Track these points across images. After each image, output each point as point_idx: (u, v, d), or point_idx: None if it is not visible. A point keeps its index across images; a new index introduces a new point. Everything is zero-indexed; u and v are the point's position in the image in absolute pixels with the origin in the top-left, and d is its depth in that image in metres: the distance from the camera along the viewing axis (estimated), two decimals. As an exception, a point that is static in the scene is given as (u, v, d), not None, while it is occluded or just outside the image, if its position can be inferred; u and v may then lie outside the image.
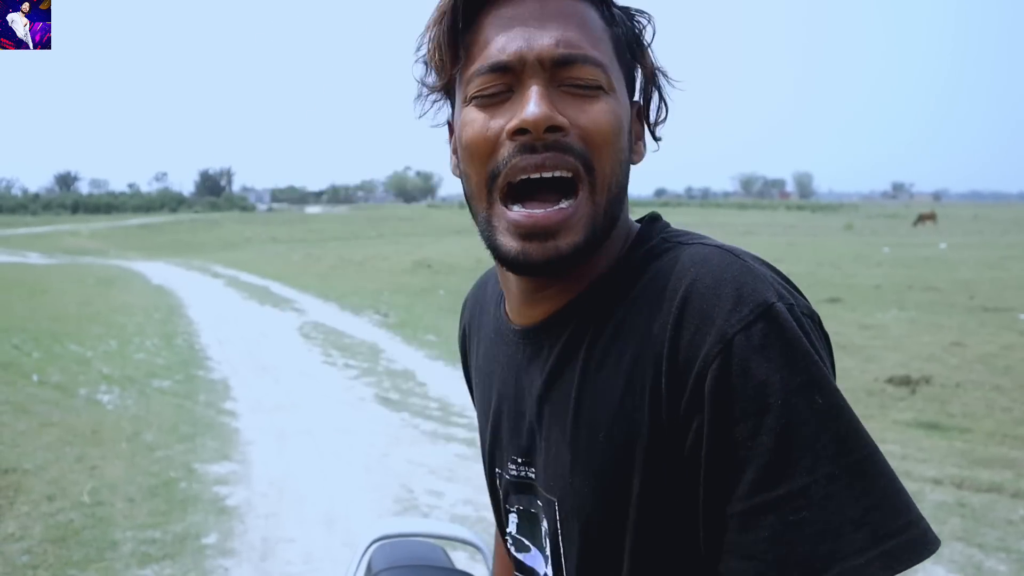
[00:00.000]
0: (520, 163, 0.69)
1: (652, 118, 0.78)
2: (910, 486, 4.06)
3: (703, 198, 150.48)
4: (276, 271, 18.04)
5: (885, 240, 27.07)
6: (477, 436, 3.75)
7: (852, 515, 0.59)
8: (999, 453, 4.62)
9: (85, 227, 46.52)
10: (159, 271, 19.47)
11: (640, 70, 0.77)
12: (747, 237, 29.98)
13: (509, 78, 0.70)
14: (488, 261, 0.80)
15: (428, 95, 0.79)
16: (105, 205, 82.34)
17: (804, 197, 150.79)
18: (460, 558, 1.69)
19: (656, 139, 0.79)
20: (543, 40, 0.69)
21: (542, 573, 0.81)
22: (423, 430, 5.32)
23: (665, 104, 0.78)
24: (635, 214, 0.82)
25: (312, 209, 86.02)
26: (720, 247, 0.69)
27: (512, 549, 0.87)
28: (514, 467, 0.82)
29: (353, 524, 3.73)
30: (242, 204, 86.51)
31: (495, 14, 0.71)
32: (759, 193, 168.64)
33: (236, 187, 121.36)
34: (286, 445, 5.02)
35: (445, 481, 4.34)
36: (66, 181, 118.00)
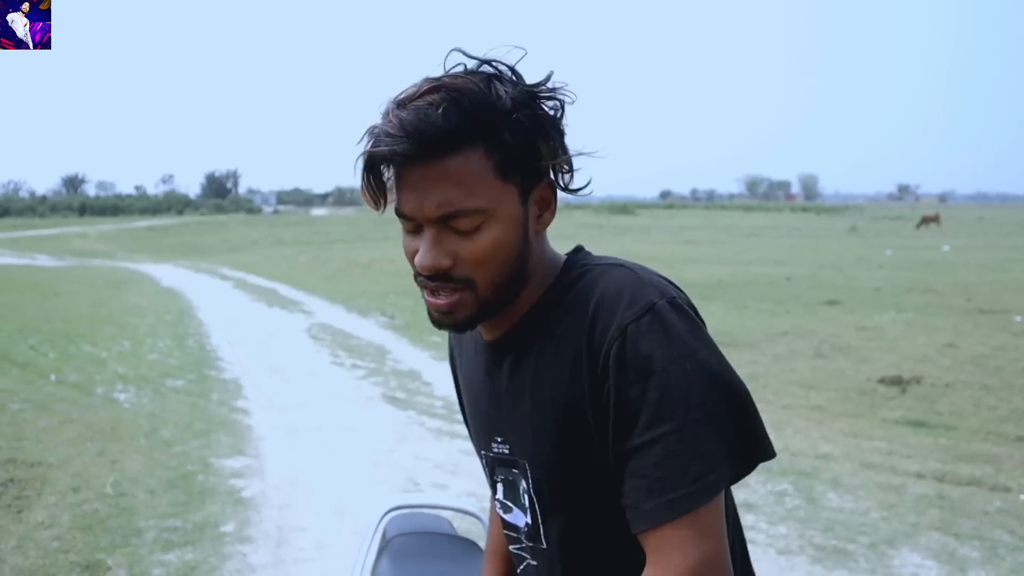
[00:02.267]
0: (422, 282, 0.96)
1: (565, 182, 0.99)
2: (894, 480, 4.27)
3: (708, 200, 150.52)
4: (283, 273, 18.27)
5: (888, 242, 27.19)
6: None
7: (711, 446, 0.86)
8: (982, 449, 4.80)
9: (92, 229, 46.86)
10: (168, 273, 19.73)
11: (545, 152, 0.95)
12: (751, 239, 30.12)
13: (415, 222, 0.94)
14: None
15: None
16: (112, 207, 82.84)
17: (809, 199, 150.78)
18: (462, 527, 1.90)
19: (574, 192, 1.00)
20: (428, 203, 0.90)
21: (522, 524, 1.06)
22: (428, 427, 5.52)
23: (569, 167, 0.98)
24: (640, 217, 1.08)
25: (318, 211, 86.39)
26: (621, 265, 0.96)
27: (500, 512, 1.11)
28: (495, 445, 1.06)
29: (362, 515, 3.94)
30: (248, 206, 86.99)
31: (403, 177, 0.92)
32: (764, 195, 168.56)
33: (242, 189, 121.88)
34: (297, 441, 5.24)
35: (449, 475, 4.54)
36: (73, 183, 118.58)
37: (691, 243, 27.28)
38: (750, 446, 0.89)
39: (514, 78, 0.93)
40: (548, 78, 0.94)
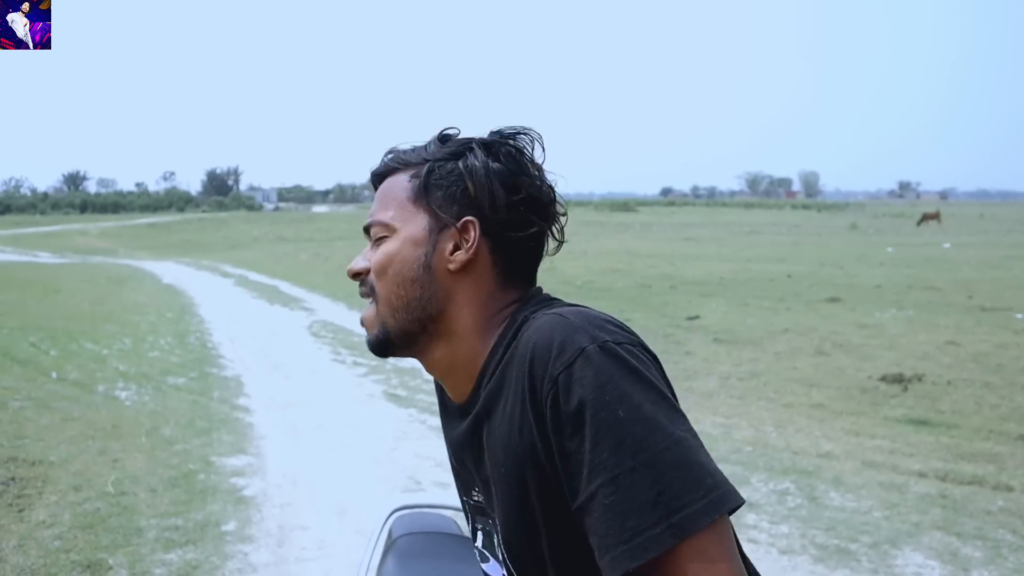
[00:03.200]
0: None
1: (502, 228, 1.01)
2: (896, 479, 4.26)
3: (709, 197, 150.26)
4: (284, 270, 18.28)
5: (889, 240, 27.16)
6: None
7: (648, 497, 0.80)
8: (984, 448, 4.80)
9: (94, 226, 46.84)
10: (169, 270, 19.73)
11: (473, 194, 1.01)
12: (751, 237, 30.10)
13: None
14: None
15: None
16: (113, 204, 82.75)
17: (810, 196, 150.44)
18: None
19: (513, 237, 1.02)
20: (369, 220, 1.06)
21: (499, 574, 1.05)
22: (430, 425, 5.52)
23: (511, 217, 1.01)
24: (641, 214, 1.07)
25: (319, 208, 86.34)
26: (556, 313, 0.93)
27: (479, 560, 1.11)
28: (475, 493, 1.07)
29: (364, 513, 3.93)
30: (249, 203, 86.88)
31: None
32: (765, 192, 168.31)
33: (243, 186, 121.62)
34: (299, 439, 5.24)
35: (450, 473, 4.52)
36: (74, 180, 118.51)
37: (692, 240, 27.26)
38: (703, 496, 0.81)
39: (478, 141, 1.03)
40: (508, 136, 1.03)
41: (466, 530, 1.73)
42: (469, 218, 0.99)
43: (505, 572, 1.02)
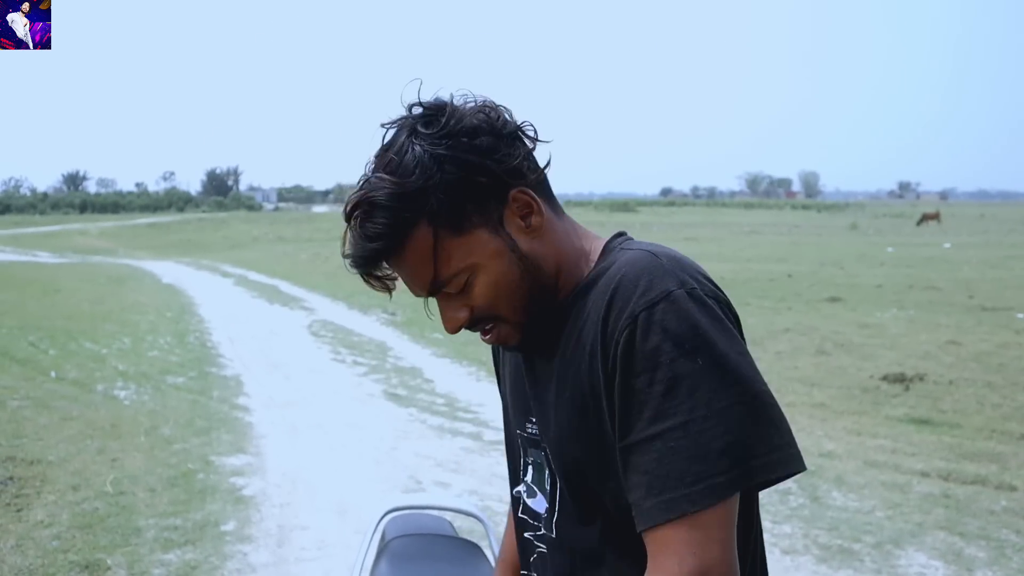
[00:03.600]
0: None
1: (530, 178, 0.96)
2: (898, 479, 4.24)
3: (709, 197, 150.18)
4: (284, 270, 18.26)
5: (889, 240, 27.14)
6: (480, 430, 4.01)
7: (718, 446, 0.81)
8: (986, 447, 4.78)
9: (94, 226, 46.82)
10: (169, 270, 19.70)
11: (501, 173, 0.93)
12: (752, 237, 30.09)
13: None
14: None
15: None
16: (113, 204, 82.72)
17: (810, 196, 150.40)
18: (463, 528, 1.88)
19: (542, 173, 0.98)
20: (416, 288, 0.96)
21: (543, 511, 1.03)
22: (430, 425, 5.50)
23: (526, 167, 0.95)
24: (641, 214, 1.04)
25: (319, 208, 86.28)
26: (647, 250, 0.92)
27: (525, 497, 1.08)
28: (529, 426, 1.06)
29: (364, 513, 3.91)
30: (249, 203, 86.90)
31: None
32: (765, 192, 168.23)
33: (243, 186, 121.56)
34: (298, 439, 5.21)
35: (451, 473, 4.52)
36: (74, 180, 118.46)
37: (692, 240, 27.24)
38: (768, 453, 0.82)
39: (434, 128, 0.91)
40: (458, 118, 0.92)
41: (461, 531, 1.72)
42: (512, 191, 0.95)
43: (548, 505, 1.02)
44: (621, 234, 1.04)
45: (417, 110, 0.94)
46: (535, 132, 0.97)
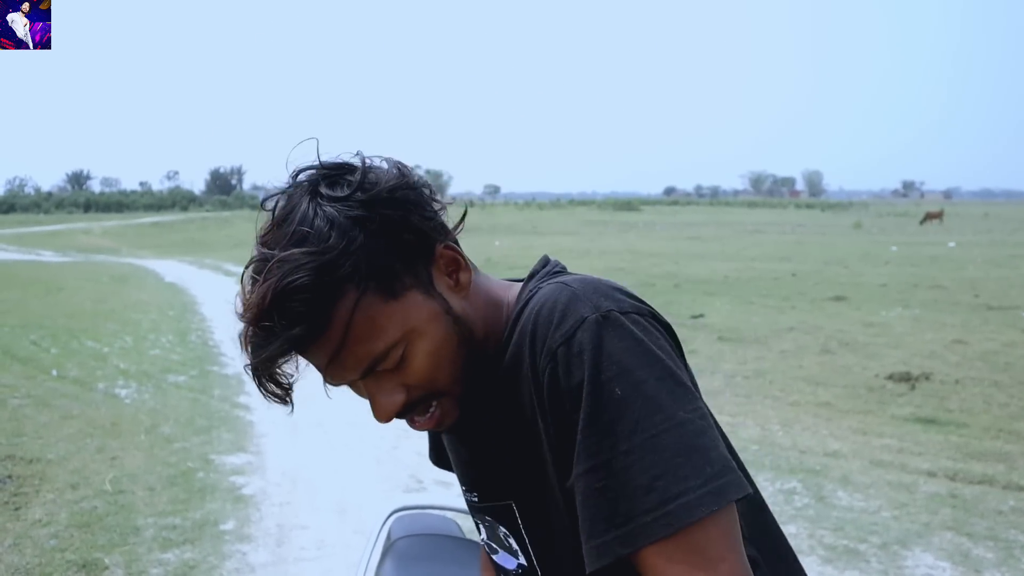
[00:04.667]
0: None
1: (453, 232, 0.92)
2: (904, 478, 4.20)
3: (713, 196, 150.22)
4: (287, 269, 18.21)
5: (893, 239, 27.06)
6: None
7: (643, 482, 0.74)
8: (993, 447, 4.73)
9: (97, 225, 46.91)
10: (172, 269, 19.70)
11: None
12: (755, 236, 30.01)
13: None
14: (495, 259, 0.96)
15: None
16: (117, 203, 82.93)
17: (814, 195, 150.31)
18: (469, 527, 1.85)
19: (461, 221, 0.94)
20: (344, 373, 0.87)
21: (513, 566, 0.99)
22: (432, 424, 5.46)
23: (441, 226, 0.90)
24: (644, 213, 0.99)
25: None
26: (559, 282, 0.86)
27: (488, 552, 1.05)
28: (467, 494, 1.04)
29: (364, 513, 3.88)
30: (253, 203, 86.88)
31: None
32: (769, 191, 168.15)
33: (247, 185, 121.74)
34: (299, 438, 5.18)
35: (453, 473, 4.48)
36: (78, 180, 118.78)
37: (695, 239, 27.18)
38: (701, 486, 0.74)
39: (342, 188, 0.83)
40: (371, 173, 0.84)
41: (467, 532, 1.69)
42: (438, 247, 0.88)
43: (523, 560, 0.96)
44: (544, 263, 0.99)
45: (307, 174, 0.85)
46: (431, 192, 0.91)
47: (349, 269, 0.80)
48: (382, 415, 0.89)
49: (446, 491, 4.16)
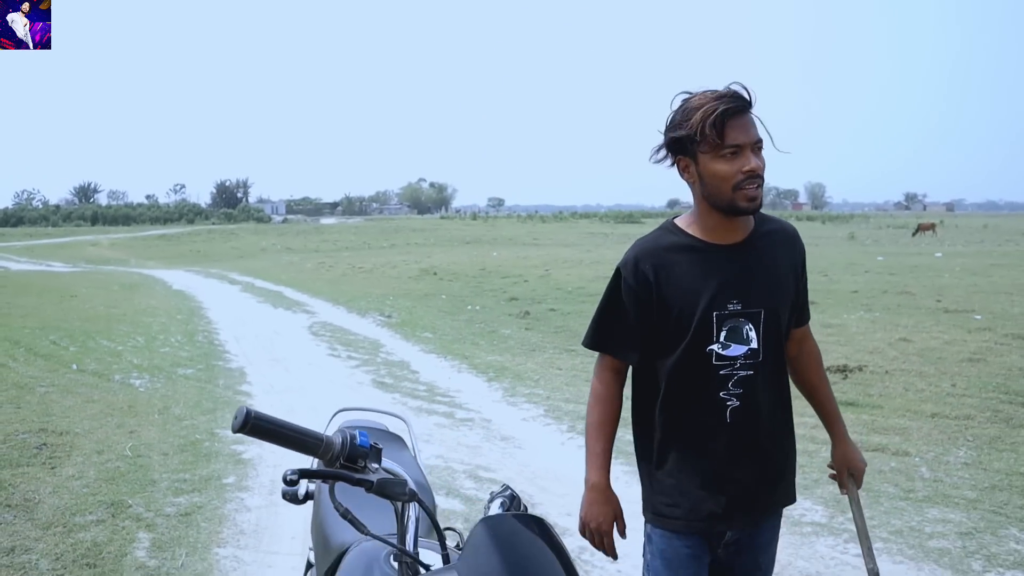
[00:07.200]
0: (741, 185, 1.77)
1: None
2: (809, 447, 4.86)
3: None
4: (290, 278, 18.98)
5: (883, 249, 27.68)
6: (453, 410, 4.78)
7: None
8: (897, 423, 5.41)
9: (105, 237, 47.83)
10: (179, 278, 20.47)
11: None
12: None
13: (737, 149, 1.76)
14: (489, 268, 1.68)
15: (667, 145, 1.84)
16: (124, 216, 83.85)
17: (817, 208, 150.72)
18: (392, 426, 2.58)
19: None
20: (753, 134, 1.77)
21: (742, 352, 1.83)
22: (411, 406, 6.17)
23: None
24: (649, 226, 1.75)
25: (327, 220, 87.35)
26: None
27: (719, 350, 1.82)
28: (731, 305, 1.81)
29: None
30: (258, 215, 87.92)
31: (729, 124, 1.75)
32: (772, 204, 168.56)
33: (252, 198, 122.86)
34: (293, 417, 5.86)
35: (423, 443, 5.18)
36: (85, 193, 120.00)
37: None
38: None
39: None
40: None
41: (391, 428, 2.42)
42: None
43: (755, 345, 1.82)
44: None
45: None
46: None
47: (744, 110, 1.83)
48: (760, 164, 1.75)
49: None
